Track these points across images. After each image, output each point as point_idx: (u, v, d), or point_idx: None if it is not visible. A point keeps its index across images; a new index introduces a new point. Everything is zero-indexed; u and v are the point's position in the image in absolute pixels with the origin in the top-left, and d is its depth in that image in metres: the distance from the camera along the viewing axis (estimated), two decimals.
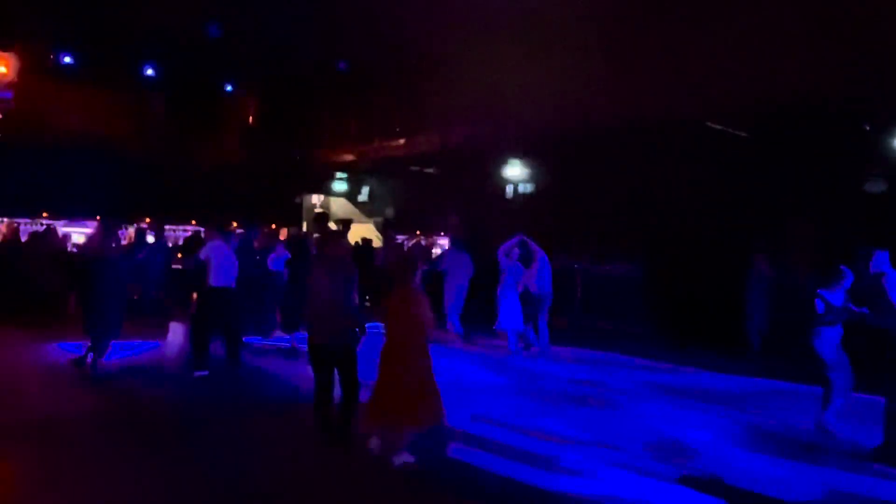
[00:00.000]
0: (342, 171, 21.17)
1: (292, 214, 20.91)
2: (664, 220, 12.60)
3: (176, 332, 9.04)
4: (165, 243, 13.88)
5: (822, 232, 10.71)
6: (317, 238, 9.33)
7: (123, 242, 13.26)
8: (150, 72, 19.26)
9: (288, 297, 10.22)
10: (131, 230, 13.71)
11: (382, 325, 5.33)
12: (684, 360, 10.16)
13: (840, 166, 11.06)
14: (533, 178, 15.94)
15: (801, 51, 10.04)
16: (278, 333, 10.49)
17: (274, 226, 17.33)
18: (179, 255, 13.28)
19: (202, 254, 8.25)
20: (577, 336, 11.84)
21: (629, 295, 12.16)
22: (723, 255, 11.07)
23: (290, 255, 10.28)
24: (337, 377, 5.55)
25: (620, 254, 12.80)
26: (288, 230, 14.03)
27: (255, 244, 10.36)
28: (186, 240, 16.51)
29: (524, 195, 16.03)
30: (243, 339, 8.90)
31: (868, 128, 10.70)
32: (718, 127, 12.11)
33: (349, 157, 19.63)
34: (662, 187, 12.83)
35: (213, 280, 8.09)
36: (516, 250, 10.11)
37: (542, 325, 10.14)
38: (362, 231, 18.44)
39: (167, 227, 15.72)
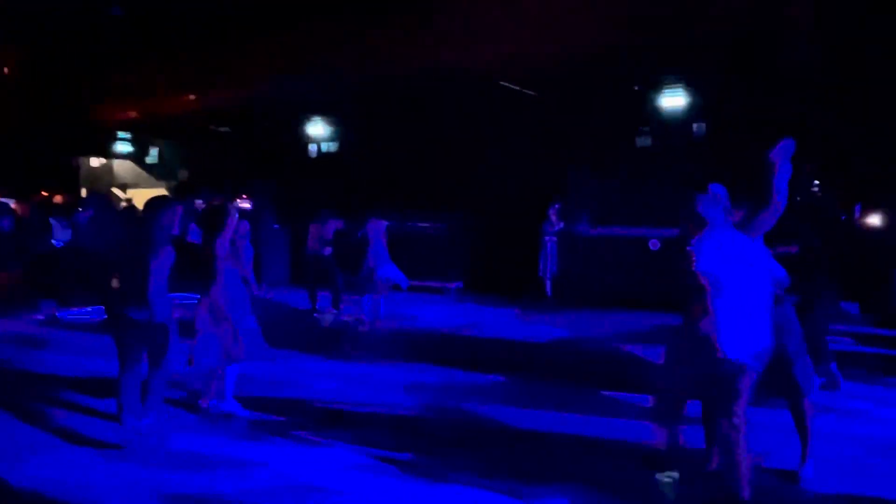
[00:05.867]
0: (125, 130, 19.30)
1: (69, 179, 18.85)
2: (467, 175, 13.15)
3: None
4: None
5: (602, 183, 11.85)
6: None
7: None
8: None
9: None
10: None
11: None
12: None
13: (616, 123, 12.20)
14: (337, 137, 15.70)
15: (582, 15, 10.79)
16: None
17: (46, 193, 15.53)
18: None
19: None
20: None
21: (436, 250, 12.59)
22: (520, 207, 11.85)
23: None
24: None
25: (427, 210, 13.16)
26: (63, 197, 12.66)
27: None
28: None
29: (328, 154, 15.78)
30: None
31: (637, 88, 11.84)
32: (511, 86, 12.70)
33: (132, 115, 17.87)
34: (464, 143, 13.34)
35: None
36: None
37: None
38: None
39: None
